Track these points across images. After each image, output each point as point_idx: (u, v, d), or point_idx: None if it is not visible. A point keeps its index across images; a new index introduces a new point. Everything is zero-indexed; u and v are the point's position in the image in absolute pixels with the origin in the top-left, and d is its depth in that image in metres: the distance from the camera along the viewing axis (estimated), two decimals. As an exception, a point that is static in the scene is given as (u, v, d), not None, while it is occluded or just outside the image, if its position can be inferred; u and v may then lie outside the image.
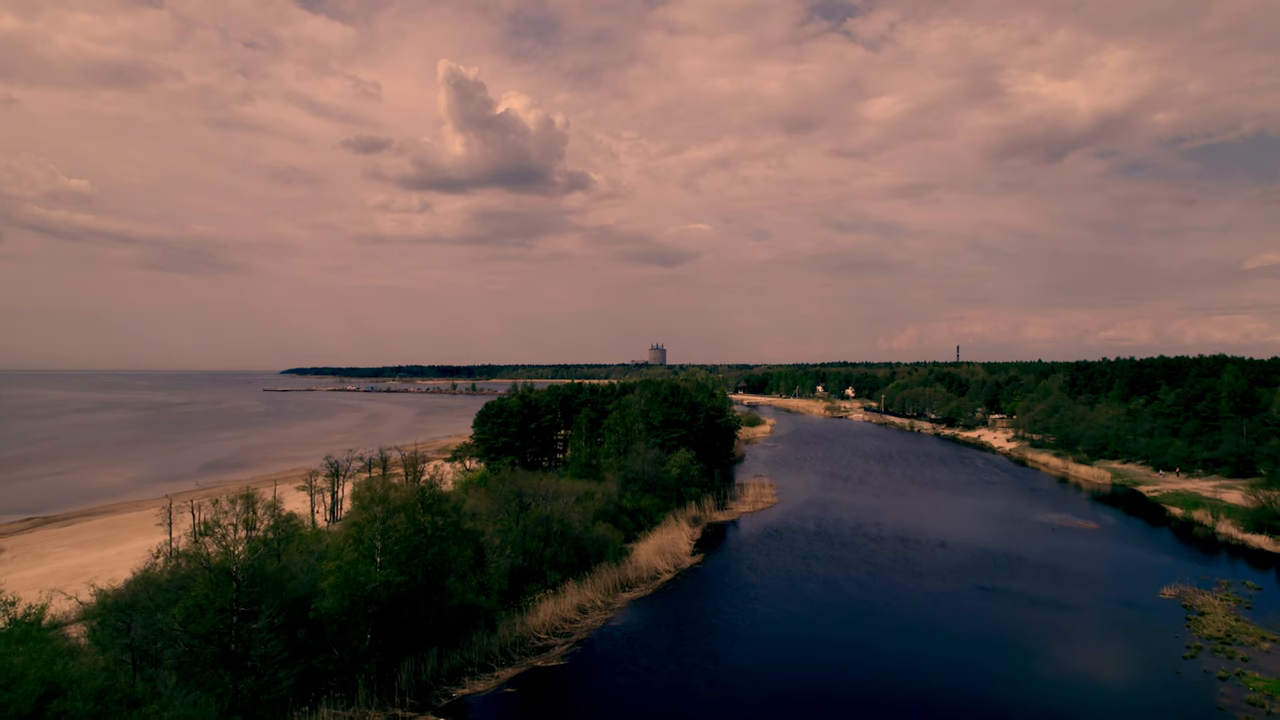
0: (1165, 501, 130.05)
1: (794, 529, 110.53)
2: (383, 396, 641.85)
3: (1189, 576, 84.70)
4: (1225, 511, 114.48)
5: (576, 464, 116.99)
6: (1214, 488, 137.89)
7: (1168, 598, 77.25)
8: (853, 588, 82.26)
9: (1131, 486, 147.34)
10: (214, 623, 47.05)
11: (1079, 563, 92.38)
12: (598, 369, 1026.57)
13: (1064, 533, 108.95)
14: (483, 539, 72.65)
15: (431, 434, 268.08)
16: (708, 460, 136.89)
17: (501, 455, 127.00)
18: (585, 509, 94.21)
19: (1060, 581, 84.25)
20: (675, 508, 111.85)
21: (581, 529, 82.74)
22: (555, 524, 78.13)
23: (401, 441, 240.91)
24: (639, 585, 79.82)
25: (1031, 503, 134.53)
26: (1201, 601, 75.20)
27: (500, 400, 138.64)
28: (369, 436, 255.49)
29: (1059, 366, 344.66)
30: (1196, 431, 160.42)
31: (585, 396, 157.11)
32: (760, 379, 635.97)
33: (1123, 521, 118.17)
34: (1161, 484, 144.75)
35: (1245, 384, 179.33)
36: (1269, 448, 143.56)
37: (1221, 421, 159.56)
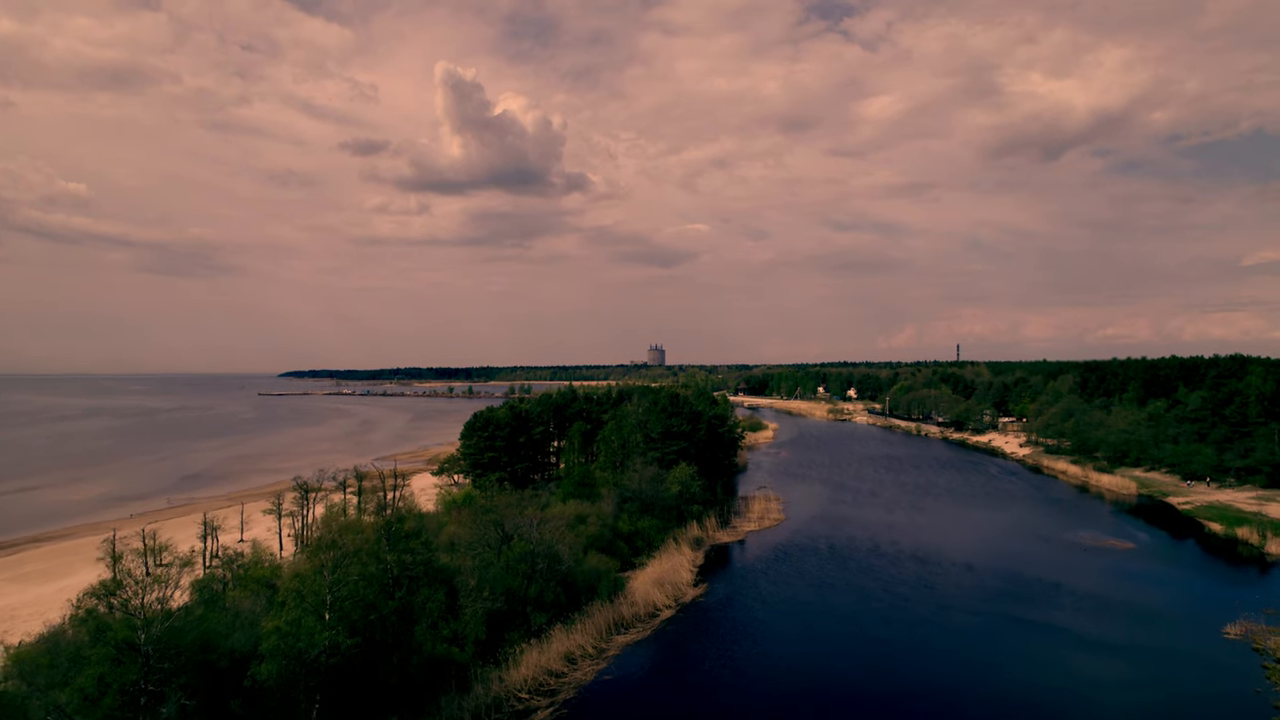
0: (1200, 516, 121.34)
1: (804, 551, 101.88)
2: (378, 400, 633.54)
3: (1249, 608, 75.90)
4: (1273, 529, 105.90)
5: (569, 482, 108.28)
6: (1251, 499, 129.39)
7: (1233, 637, 68.55)
8: (874, 624, 73.65)
9: (1160, 498, 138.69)
10: (111, 709, 38.38)
11: (1122, 591, 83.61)
12: (596, 370, 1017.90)
13: (1098, 553, 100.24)
14: (458, 579, 63.92)
15: (423, 441, 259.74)
16: (710, 473, 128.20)
17: (489, 471, 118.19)
18: (578, 535, 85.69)
19: (1106, 616, 75.49)
20: (675, 528, 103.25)
21: (571, 561, 73.95)
22: (541, 559, 69.37)
23: (391, 450, 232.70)
24: (635, 626, 71.05)
25: (1056, 517, 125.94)
26: (1275, 644, 66.52)
27: (488, 411, 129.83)
28: (358, 445, 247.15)
29: (1066, 366, 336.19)
30: (1225, 438, 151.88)
31: (579, 406, 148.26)
32: (761, 380, 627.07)
33: (1160, 541, 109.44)
34: (1192, 495, 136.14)
35: (1273, 386, 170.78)
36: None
37: (1252, 427, 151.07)
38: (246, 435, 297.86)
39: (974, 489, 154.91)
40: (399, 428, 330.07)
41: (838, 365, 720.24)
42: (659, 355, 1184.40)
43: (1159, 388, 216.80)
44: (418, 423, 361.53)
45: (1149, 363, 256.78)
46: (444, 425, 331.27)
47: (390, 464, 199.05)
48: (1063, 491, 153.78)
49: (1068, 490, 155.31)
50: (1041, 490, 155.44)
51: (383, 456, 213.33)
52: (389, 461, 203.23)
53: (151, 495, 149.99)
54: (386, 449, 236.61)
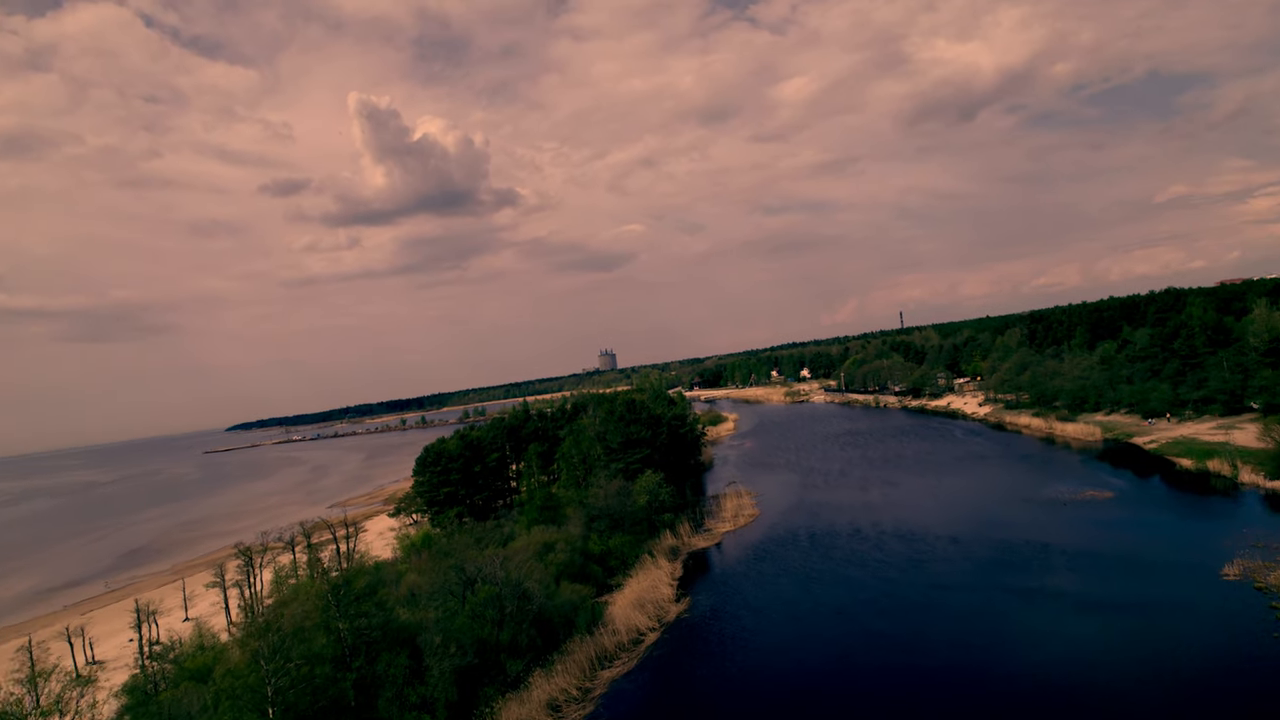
0: (1169, 453, 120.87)
1: (785, 545, 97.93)
2: (330, 443, 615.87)
3: (1240, 544, 74.15)
4: (1240, 457, 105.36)
5: (532, 507, 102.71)
6: (1212, 429, 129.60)
7: (1233, 579, 66.34)
8: (868, 616, 69.92)
9: (1125, 440, 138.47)
10: None
11: (1112, 544, 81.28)
12: (550, 383, 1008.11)
13: (1080, 507, 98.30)
14: (421, 637, 58.15)
15: (378, 481, 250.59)
16: (677, 477, 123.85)
17: (447, 507, 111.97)
18: (547, 565, 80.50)
19: (1102, 573, 72.91)
20: (649, 540, 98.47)
21: (543, 597, 68.66)
22: (509, 601, 63.92)
23: (346, 495, 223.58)
24: (620, 657, 65.99)
25: (1030, 473, 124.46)
26: (1275, 580, 64.31)
27: (439, 444, 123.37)
28: (310, 494, 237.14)
29: (1011, 320, 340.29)
30: (1178, 372, 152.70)
31: (534, 425, 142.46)
32: (714, 372, 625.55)
33: (1136, 485, 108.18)
34: (1156, 433, 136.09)
35: (1214, 316, 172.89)
36: (1260, 379, 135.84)
37: (1201, 358, 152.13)
38: (191, 499, 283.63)
39: (943, 455, 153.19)
40: (352, 469, 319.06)
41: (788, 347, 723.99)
42: (610, 360, 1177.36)
43: (1104, 330, 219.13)
44: (372, 461, 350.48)
45: (1091, 306, 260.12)
46: (399, 460, 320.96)
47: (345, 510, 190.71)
48: (1030, 446, 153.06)
49: (1034, 444, 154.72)
50: (1009, 447, 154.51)
51: (337, 503, 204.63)
52: (344, 507, 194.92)
53: (88, 580, 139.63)
54: (341, 494, 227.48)
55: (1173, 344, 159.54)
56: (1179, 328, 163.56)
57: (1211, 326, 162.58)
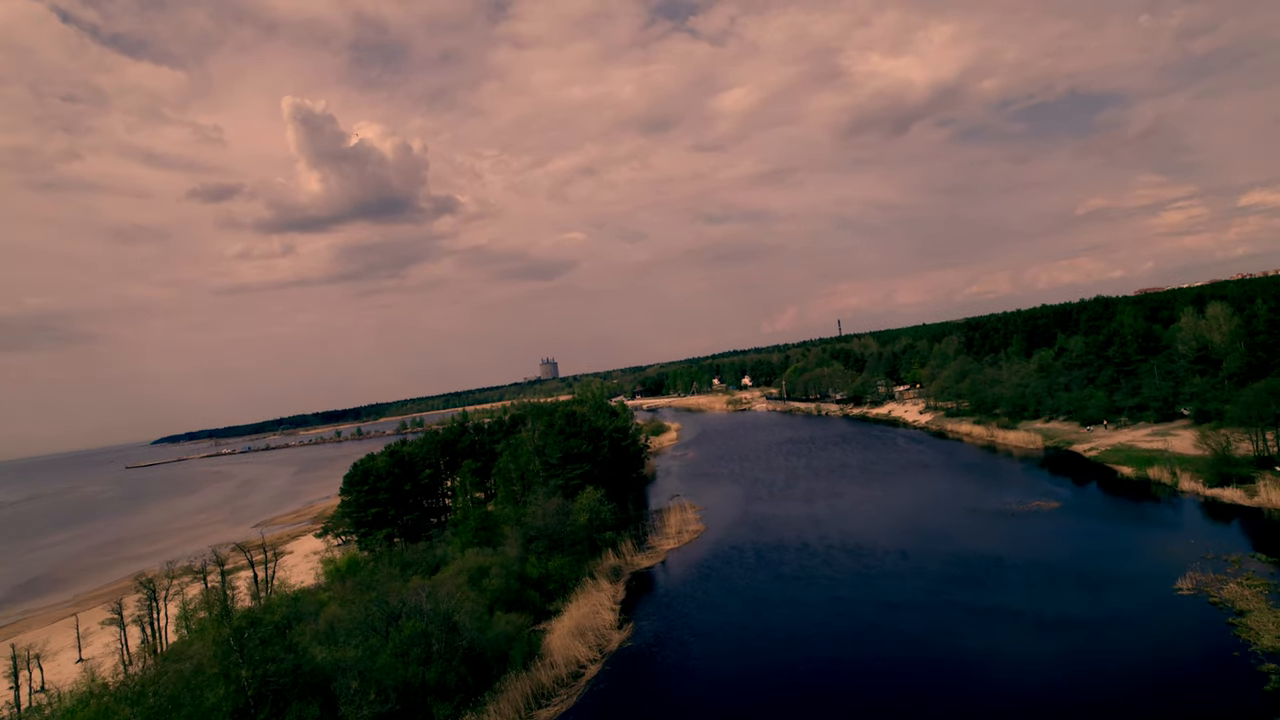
0: (1109, 460, 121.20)
1: (732, 563, 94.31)
2: (261, 456, 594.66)
3: (1191, 557, 73.15)
4: (1179, 464, 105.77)
5: (466, 529, 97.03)
6: (1148, 436, 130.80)
7: (1187, 593, 64.84)
8: (819, 640, 66.55)
9: (1066, 447, 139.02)
10: None
11: (1065, 557, 79.64)
12: (490, 392, 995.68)
13: (1028, 518, 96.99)
14: (336, 682, 52.47)
15: (308, 497, 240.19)
16: (619, 492, 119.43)
17: (374, 529, 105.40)
18: (481, 593, 75.29)
19: (1057, 588, 70.94)
20: (591, 560, 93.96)
21: (475, 630, 63.41)
22: (437, 638, 58.52)
23: (273, 513, 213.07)
24: (559, 694, 61.11)
25: (976, 483, 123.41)
26: (1228, 594, 63.03)
27: (367, 461, 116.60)
28: (235, 512, 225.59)
29: (948, 327, 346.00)
30: (1113, 379, 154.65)
31: (470, 439, 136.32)
32: (656, 380, 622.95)
33: (1081, 494, 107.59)
34: (1095, 440, 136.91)
35: (1144, 324, 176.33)
36: (1190, 387, 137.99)
37: (1134, 365, 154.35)
38: (105, 519, 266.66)
39: (887, 464, 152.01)
40: (282, 484, 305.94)
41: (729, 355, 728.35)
42: (552, 368, 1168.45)
43: (1039, 338, 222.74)
44: (303, 476, 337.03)
45: (1025, 314, 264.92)
46: (331, 474, 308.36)
47: (271, 530, 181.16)
48: (972, 454, 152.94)
49: (977, 452, 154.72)
50: (952, 456, 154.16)
51: (263, 522, 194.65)
52: (270, 527, 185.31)
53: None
54: (267, 512, 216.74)
55: (1107, 351, 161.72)
56: (1112, 335, 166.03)
57: (1142, 335, 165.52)
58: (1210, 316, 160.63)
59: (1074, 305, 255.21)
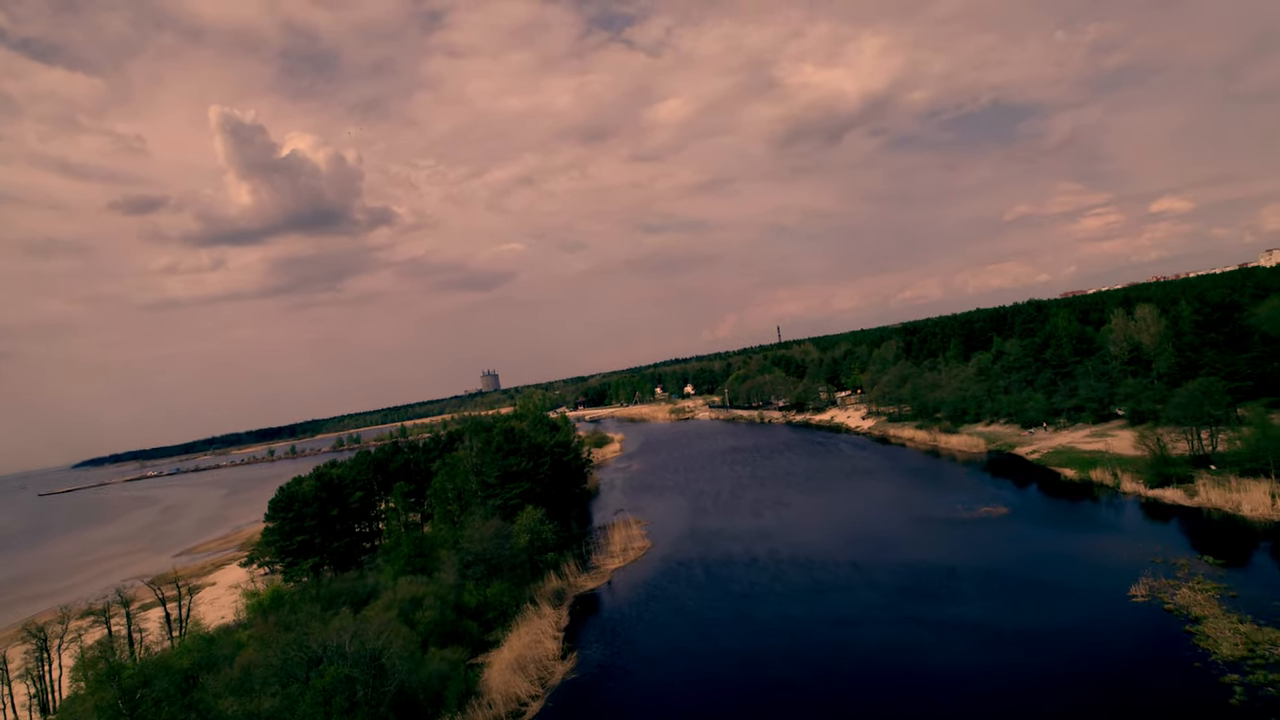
0: (1051, 463, 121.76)
1: (679, 581, 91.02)
2: (190, 477, 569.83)
3: (1142, 562, 72.53)
4: (1119, 465, 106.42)
5: (399, 555, 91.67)
6: (1087, 437, 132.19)
7: (1141, 600, 63.75)
8: (773, 662, 63.51)
9: (1008, 450, 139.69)
10: None
11: (1017, 566, 78.33)
12: (430, 405, 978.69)
13: (978, 525, 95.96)
14: (246, 740, 47.39)
15: (236, 521, 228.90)
16: (561, 510, 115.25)
17: (300, 558, 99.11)
18: (416, 625, 70.49)
19: (1012, 598, 69.45)
20: (532, 584, 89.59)
21: (406, 670, 58.60)
22: (362, 683, 53.68)
23: (198, 540, 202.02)
24: (498, 737, 56.88)
25: (922, 489, 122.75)
26: (1182, 600, 62.14)
27: (293, 484, 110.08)
28: (156, 541, 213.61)
29: (886, 332, 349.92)
30: (1051, 381, 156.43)
31: (404, 458, 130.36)
32: (599, 390, 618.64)
33: (1027, 499, 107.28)
34: (1036, 442, 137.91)
35: (1077, 327, 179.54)
36: (1124, 388, 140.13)
37: (1070, 367, 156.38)
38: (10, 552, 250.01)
39: (832, 471, 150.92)
40: (210, 508, 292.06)
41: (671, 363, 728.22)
42: (493, 381, 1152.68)
43: (976, 341, 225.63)
44: (233, 498, 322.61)
45: (962, 318, 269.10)
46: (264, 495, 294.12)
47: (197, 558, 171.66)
48: (917, 459, 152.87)
49: (921, 457, 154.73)
50: (896, 461, 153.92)
51: (186, 550, 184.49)
52: (197, 555, 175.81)
53: None
54: (192, 539, 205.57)
55: (1044, 354, 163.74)
56: (1048, 338, 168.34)
57: (1075, 337, 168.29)
58: (1139, 318, 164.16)
59: (1008, 309, 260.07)
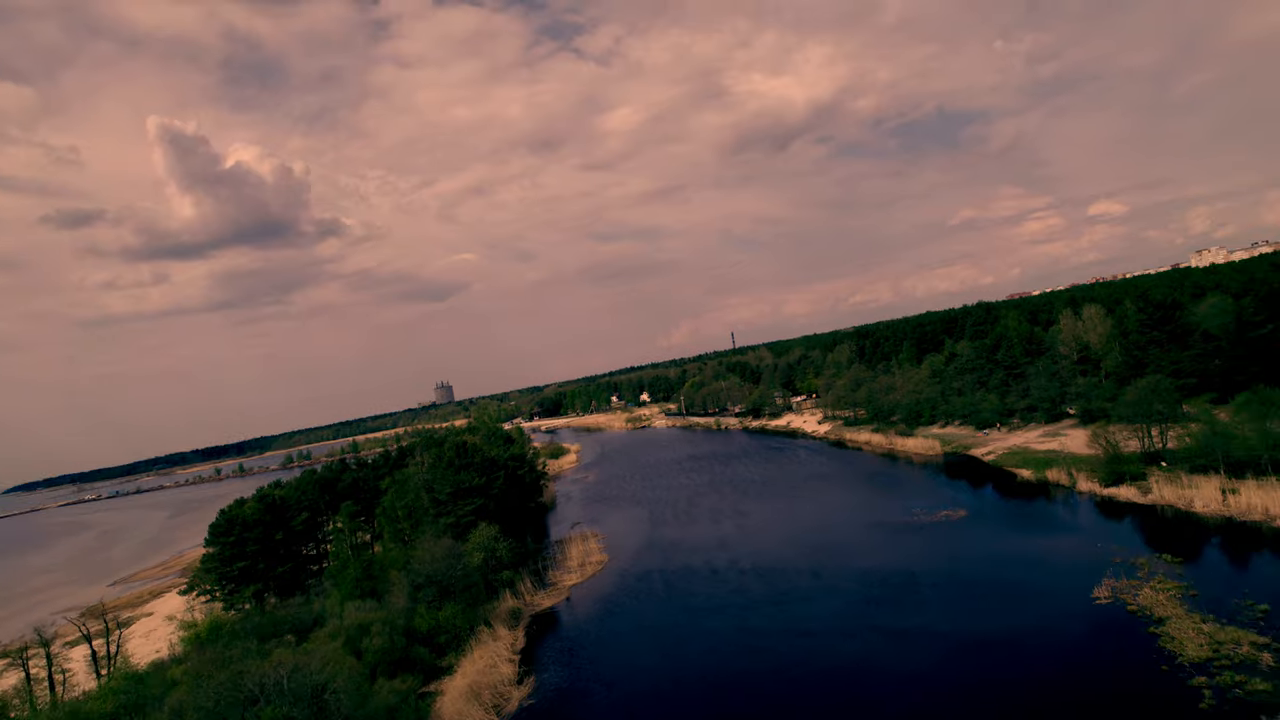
0: (1007, 464, 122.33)
1: (639, 596, 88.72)
2: (131, 500, 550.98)
3: (1103, 562, 72.32)
4: (1074, 465, 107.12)
5: (346, 579, 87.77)
6: (1041, 437, 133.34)
7: (1105, 602, 63.24)
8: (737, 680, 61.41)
9: (964, 452, 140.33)
10: None
11: (979, 570, 77.69)
12: (383, 419, 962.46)
13: (938, 529, 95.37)
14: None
15: (179, 545, 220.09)
16: (516, 525, 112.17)
17: (242, 585, 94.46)
18: (362, 653, 67.02)
19: (975, 603, 68.59)
20: (487, 604, 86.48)
21: (353, 704, 55.20)
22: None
23: (136, 567, 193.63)
24: (450, 772, 53.86)
25: (880, 494, 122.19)
26: (1144, 600, 61.78)
27: (235, 508, 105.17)
28: (92, 569, 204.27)
29: (839, 336, 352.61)
30: (1003, 382, 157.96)
31: (352, 476, 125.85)
32: (554, 400, 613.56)
33: (986, 501, 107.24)
34: (991, 444, 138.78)
35: (1027, 327, 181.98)
36: (1076, 387, 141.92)
37: (1022, 368, 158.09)
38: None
39: (790, 477, 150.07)
40: (150, 532, 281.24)
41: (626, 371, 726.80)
42: (447, 392, 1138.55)
43: (929, 344, 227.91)
44: (177, 520, 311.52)
45: (914, 321, 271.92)
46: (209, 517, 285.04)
47: (134, 586, 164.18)
48: (874, 464, 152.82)
49: (878, 461, 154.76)
50: (853, 466, 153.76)
51: (123, 579, 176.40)
52: (134, 583, 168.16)
53: None
54: (129, 566, 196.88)
55: (996, 355, 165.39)
56: (1000, 339, 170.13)
57: (1026, 337, 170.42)
58: (1086, 318, 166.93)
59: (958, 311, 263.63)
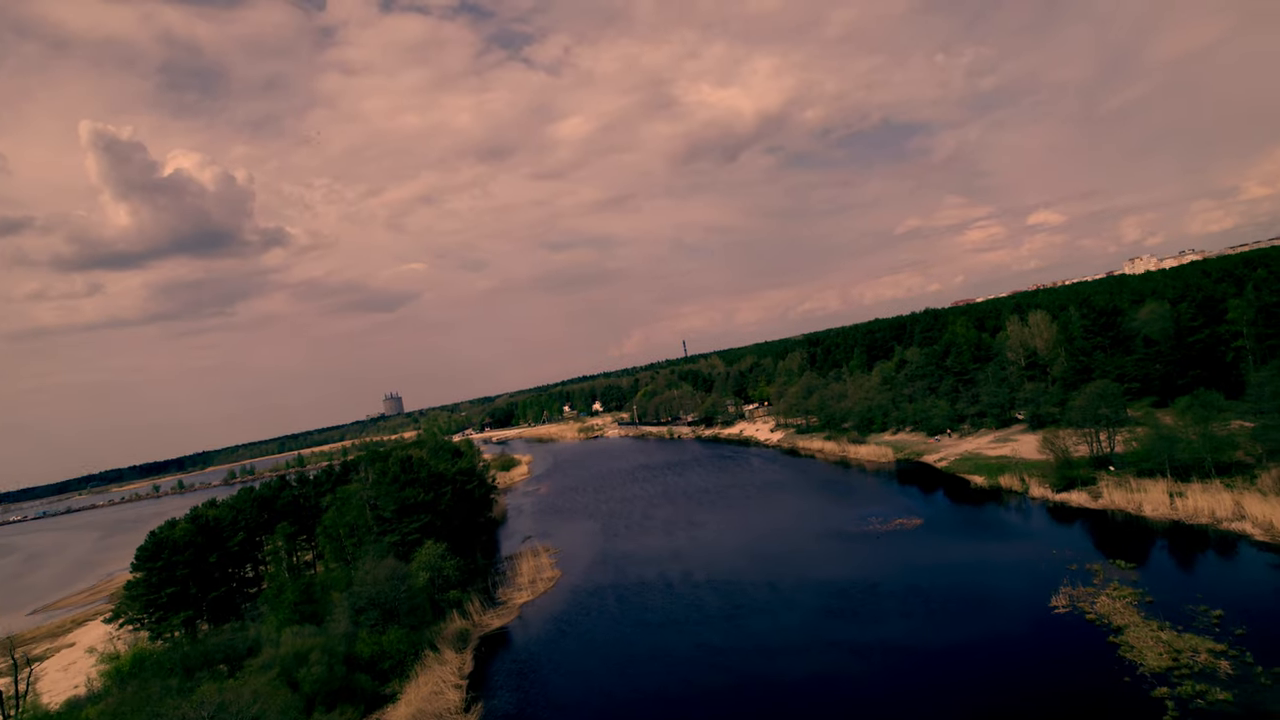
0: (959, 470, 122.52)
1: (592, 613, 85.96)
2: (60, 520, 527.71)
3: (1059, 570, 71.81)
4: (1026, 470, 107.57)
5: (283, 604, 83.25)
6: (992, 443, 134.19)
7: (1063, 611, 62.50)
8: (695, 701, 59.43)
9: (916, 459, 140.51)
10: None
11: (937, 580, 76.55)
12: (331, 432, 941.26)
13: (894, 538, 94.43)
14: None
15: (109, 568, 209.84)
16: (465, 542, 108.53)
17: (171, 613, 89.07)
18: (299, 684, 63.06)
19: (935, 615, 67.47)
20: (434, 626, 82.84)
21: (283, 742, 51.60)
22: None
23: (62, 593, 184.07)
24: (391, 812, 50.46)
25: (835, 503, 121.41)
26: (1102, 608, 61.19)
27: (164, 529, 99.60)
28: (10, 596, 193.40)
29: (790, 344, 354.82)
30: (953, 388, 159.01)
31: (292, 494, 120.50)
32: (506, 410, 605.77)
33: (940, 509, 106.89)
34: (943, 450, 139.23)
35: (975, 334, 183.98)
36: (1024, 393, 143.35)
37: (972, 374, 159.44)
38: None
39: (744, 487, 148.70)
40: (79, 554, 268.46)
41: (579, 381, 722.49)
42: (396, 404, 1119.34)
43: (879, 350, 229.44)
44: (109, 541, 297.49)
45: (864, 328, 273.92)
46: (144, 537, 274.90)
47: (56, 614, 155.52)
48: (827, 472, 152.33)
49: (831, 469, 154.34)
50: (807, 474, 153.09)
51: (45, 606, 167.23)
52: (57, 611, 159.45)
53: None
54: (54, 592, 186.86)
55: (945, 361, 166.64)
56: (949, 346, 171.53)
57: (974, 344, 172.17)
58: (1032, 324, 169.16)
59: (907, 317, 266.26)
